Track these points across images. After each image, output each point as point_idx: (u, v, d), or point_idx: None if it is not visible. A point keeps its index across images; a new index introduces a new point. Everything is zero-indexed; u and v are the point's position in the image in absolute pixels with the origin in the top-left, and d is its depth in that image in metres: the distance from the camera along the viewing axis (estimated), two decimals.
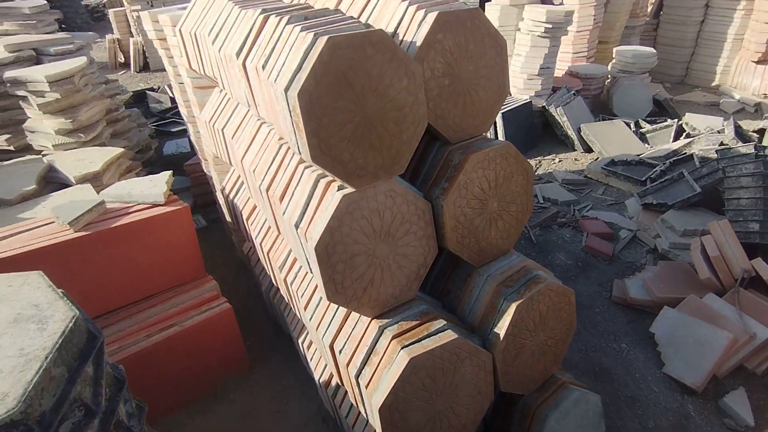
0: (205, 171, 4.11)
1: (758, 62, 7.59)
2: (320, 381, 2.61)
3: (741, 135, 5.33)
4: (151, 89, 8.17)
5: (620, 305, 3.55)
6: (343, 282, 1.83)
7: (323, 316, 2.16)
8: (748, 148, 3.85)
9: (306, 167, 1.97)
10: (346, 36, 1.54)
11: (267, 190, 2.12)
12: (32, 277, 1.16)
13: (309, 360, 2.74)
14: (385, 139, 1.75)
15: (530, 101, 6.23)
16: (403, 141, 1.80)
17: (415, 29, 1.82)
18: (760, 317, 2.99)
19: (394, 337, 1.88)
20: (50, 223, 2.77)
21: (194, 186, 4.81)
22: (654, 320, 3.23)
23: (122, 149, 3.96)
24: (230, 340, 3.00)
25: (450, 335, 1.86)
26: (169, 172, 3.18)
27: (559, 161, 5.87)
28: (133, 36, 10.45)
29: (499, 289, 2.07)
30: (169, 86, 7.97)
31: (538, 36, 6.26)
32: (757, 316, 3.00)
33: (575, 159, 5.89)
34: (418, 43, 1.78)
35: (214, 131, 2.90)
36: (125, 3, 10.42)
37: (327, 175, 1.86)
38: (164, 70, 10.21)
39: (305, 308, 2.28)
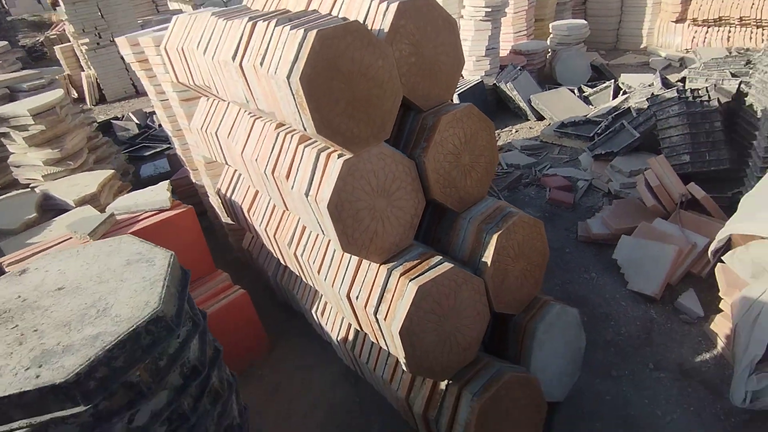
0: (194, 181, 4.36)
1: (677, 21, 8.37)
2: (338, 340, 2.96)
3: (667, 85, 5.96)
4: (116, 118, 8.25)
5: (586, 243, 4.03)
6: (354, 234, 2.19)
7: (336, 273, 2.51)
8: (672, 93, 4.42)
9: (306, 146, 2.31)
10: (331, 28, 1.90)
11: (273, 173, 2.45)
12: (125, 238, 1.46)
13: (324, 325, 3.08)
14: (372, 111, 2.12)
15: (482, 81, 6.73)
16: (385, 111, 2.17)
17: (381, 18, 2.20)
18: (699, 230, 3.52)
19: (401, 275, 2.24)
20: (68, 238, 3.00)
21: (182, 199, 5.04)
22: (615, 249, 3.72)
23: (112, 171, 4.18)
24: (250, 323, 3.29)
25: (447, 265, 2.25)
26: (167, 182, 3.45)
27: (516, 131, 6.38)
28: (84, 70, 10.43)
29: (480, 227, 2.47)
30: (134, 113, 8.08)
31: (480, 20, 6.76)
32: (696, 230, 3.53)
33: (530, 127, 6.41)
34: (386, 30, 2.16)
35: (207, 136, 3.19)
36: (71, 39, 10.38)
37: (326, 148, 2.21)
38: (123, 100, 10.28)
39: (318, 272, 2.62)
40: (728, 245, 3.03)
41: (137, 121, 7.88)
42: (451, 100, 2.58)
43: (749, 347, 2.46)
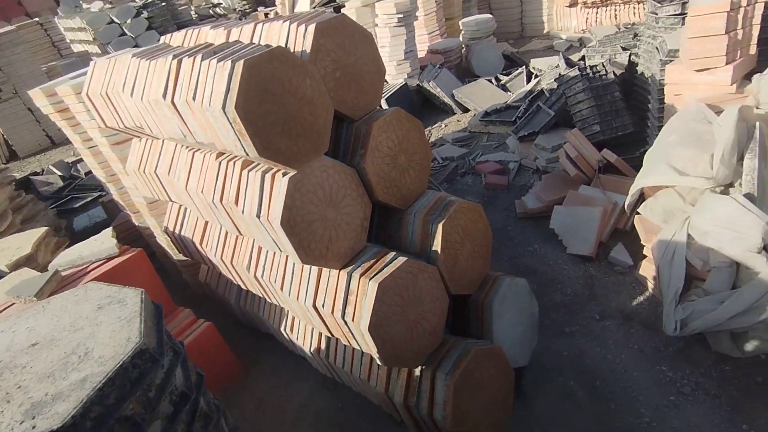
0: (137, 224, 4.27)
1: (570, 6, 9.12)
2: (311, 351, 3.04)
3: (570, 65, 6.52)
4: (35, 174, 7.79)
5: (525, 218, 4.36)
6: (310, 246, 2.30)
7: (299, 287, 2.60)
8: (575, 72, 4.87)
9: (250, 170, 2.40)
10: (257, 56, 2.01)
11: (221, 201, 2.51)
12: (90, 285, 1.48)
13: (295, 340, 3.15)
14: (307, 128, 2.25)
15: (405, 83, 7.01)
16: (320, 126, 2.31)
17: (302, 40, 2.34)
18: (617, 190, 3.92)
19: (361, 276, 2.38)
20: (11, 304, 2.88)
21: (127, 244, 4.89)
22: (550, 219, 4.05)
23: (46, 227, 4.01)
24: (220, 353, 3.30)
25: (402, 259, 2.41)
26: (110, 229, 3.39)
27: (445, 126, 6.71)
28: None
29: (426, 219, 2.66)
30: (55, 165, 7.67)
31: (395, 26, 7.06)
32: (615, 189, 3.93)
33: (457, 120, 6.77)
34: (308, 50, 2.30)
35: (146, 176, 3.18)
36: None
37: (270, 169, 2.31)
38: (38, 153, 9.68)
39: (282, 289, 2.70)
40: (642, 198, 3.42)
41: (60, 173, 7.49)
42: (380, 107, 2.76)
43: (671, 282, 2.81)
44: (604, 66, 4.92)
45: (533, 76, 7.00)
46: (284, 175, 2.23)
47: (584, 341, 3.12)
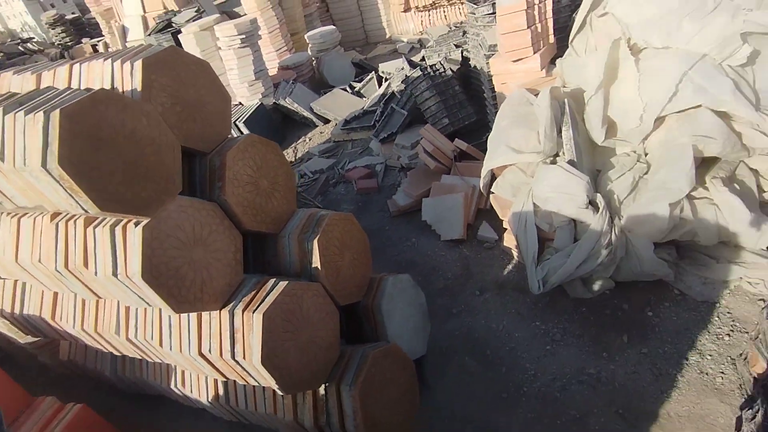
0: None
1: (405, 11, 9.78)
2: (210, 400, 2.85)
3: (413, 66, 7.00)
4: None
5: (399, 216, 4.58)
6: (181, 292, 2.16)
7: (180, 338, 2.42)
8: (417, 72, 5.25)
9: (95, 227, 2.17)
10: (76, 103, 1.83)
11: (66, 266, 2.23)
12: None
13: (190, 394, 2.92)
14: (153, 170, 2.10)
15: (261, 103, 6.89)
16: (168, 166, 2.17)
17: (130, 78, 2.18)
18: (473, 174, 4.32)
19: (244, 310, 2.29)
20: None
21: None
22: (421, 212, 4.32)
23: None
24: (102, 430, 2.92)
25: (282, 284, 2.38)
26: None
27: (310, 140, 6.74)
28: None
29: (301, 238, 2.66)
30: None
31: (239, 48, 6.88)
32: (471, 174, 4.33)
33: (320, 132, 6.84)
34: (139, 88, 2.15)
35: None
36: None
37: (119, 221, 2.11)
38: None
39: (161, 345, 2.48)
40: (493, 178, 3.82)
41: None
42: (231, 135, 2.69)
43: (528, 247, 3.19)
44: (442, 64, 5.37)
45: (383, 80, 7.36)
46: (137, 224, 2.05)
47: (470, 317, 3.39)
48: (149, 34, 8.39)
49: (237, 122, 6.49)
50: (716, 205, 3.06)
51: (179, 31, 7.51)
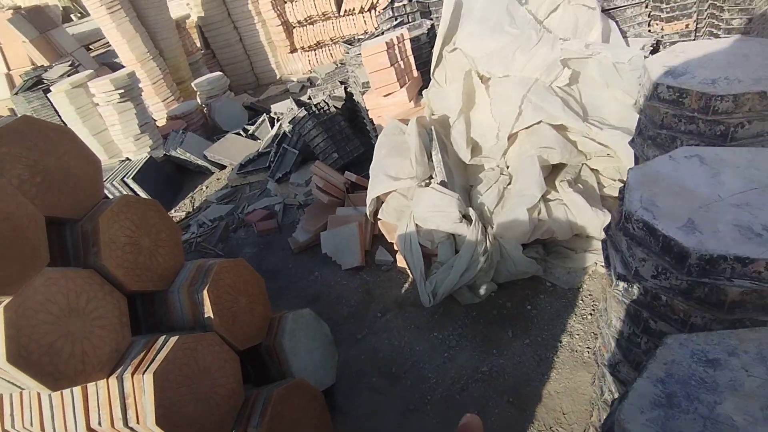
0: None
1: (292, 52, 10.08)
2: None
3: (300, 105, 7.24)
4: None
5: (301, 252, 4.68)
6: (58, 369, 2.08)
7: (64, 417, 2.30)
8: (303, 112, 5.47)
9: None
10: None
11: None
12: None
13: None
14: (13, 246, 2.03)
15: (150, 156, 6.68)
16: (31, 240, 2.11)
17: None
18: (365, 203, 4.56)
19: (133, 374, 2.25)
20: None
21: None
22: (321, 245, 4.46)
23: None
24: None
25: (173, 340, 2.37)
26: None
27: (207, 188, 6.65)
28: None
29: (191, 290, 2.67)
30: None
31: (119, 102, 6.65)
32: (364, 204, 4.55)
33: (217, 179, 6.78)
34: None
35: None
36: None
37: None
38: None
39: (43, 429, 2.33)
40: (381, 204, 4.08)
41: None
42: (121, 193, 2.65)
43: (415, 265, 3.46)
44: (326, 102, 5.65)
45: (276, 120, 7.50)
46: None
47: (375, 339, 3.56)
48: (16, 93, 7.81)
49: (126, 179, 6.23)
50: (566, 204, 3.56)
51: (48, 90, 7.10)
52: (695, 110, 1.80)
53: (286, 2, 9.53)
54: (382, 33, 4.92)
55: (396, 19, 5.29)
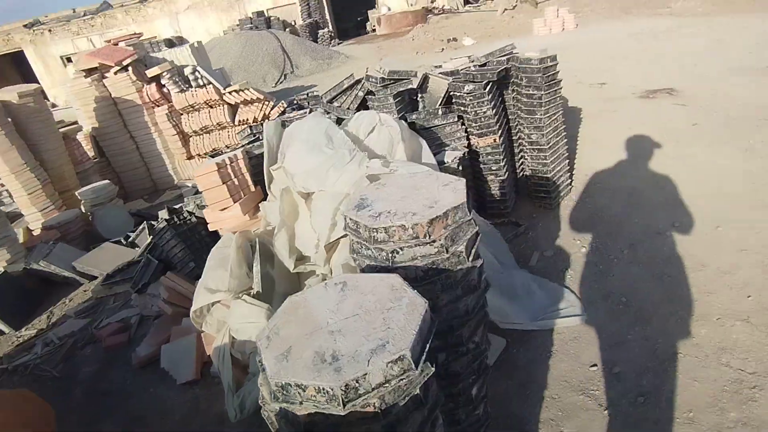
0: None
1: (189, 159, 10.44)
2: None
3: (172, 212, 7.41)
4: None
5: (144, 366, 4.56)
6: None
7: None
8: (162, 223, 5.62)
9: None
10: None
11: None
12: None
13: None
14: None
15: (5, 271, 6.42)
16: None
17: None
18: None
19: None
20: None
21: None
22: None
23: None
24: None
25: None
26: None
27: (70, 300, 6.41)
28: None
29: None
30: None
31: None
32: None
33: (84, 291, 6.58)
34: None
35: None
36: None
37: None
38: None
39: None
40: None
41: None
42: None
43: (225, 377, 3.51)
44: (189, 212, 5.86)
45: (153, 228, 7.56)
46: None
47: None
48: None
49: None
50: None
51: None
52: (366, 239, 2.18)
53: (182, 114, 10.05)
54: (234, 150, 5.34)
55: (254, 136, 5.81)
